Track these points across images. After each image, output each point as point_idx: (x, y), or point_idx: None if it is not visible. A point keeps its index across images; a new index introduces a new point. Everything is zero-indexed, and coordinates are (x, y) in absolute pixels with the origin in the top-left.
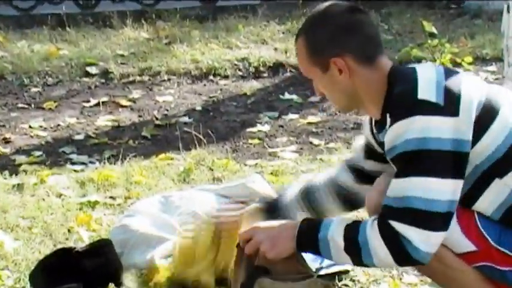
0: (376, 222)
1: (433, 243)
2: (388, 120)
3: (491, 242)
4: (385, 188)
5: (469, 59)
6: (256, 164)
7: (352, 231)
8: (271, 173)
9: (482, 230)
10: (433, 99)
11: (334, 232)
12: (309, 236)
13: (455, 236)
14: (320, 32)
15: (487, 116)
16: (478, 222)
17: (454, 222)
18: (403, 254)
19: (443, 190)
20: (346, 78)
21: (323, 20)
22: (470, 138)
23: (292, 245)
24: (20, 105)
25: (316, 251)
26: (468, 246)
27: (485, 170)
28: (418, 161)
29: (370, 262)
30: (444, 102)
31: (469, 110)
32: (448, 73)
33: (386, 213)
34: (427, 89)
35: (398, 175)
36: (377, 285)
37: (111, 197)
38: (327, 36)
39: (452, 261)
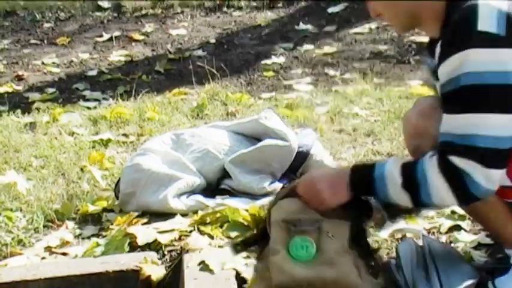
0: (435, 158)
1: (494, 180)
2: (439, 48)
3: None
4: (425, 110)
5: None
6: (271, 97)
7: (409, 168)
8: (286, 107)
9: None
10: (494, 30)
11: (391, 169)
12: (364, 176)
13: None
14: None
15: None
16: None
17: None
18: (465, 191)
19: (507, 126)
20: None
21: None
22: None
23: (345, 192)
24: (32, 41)
25: (372, 191)
26: (504, 180)
27: None
28: (479, 96)
29: (429, 200)
30: (506, 33)
31: None
32: None
33: (447, 150)
34: (488, 18)
35: (455, 110)
36: (393, 220)
37: (124, 135)
38: None
39: None
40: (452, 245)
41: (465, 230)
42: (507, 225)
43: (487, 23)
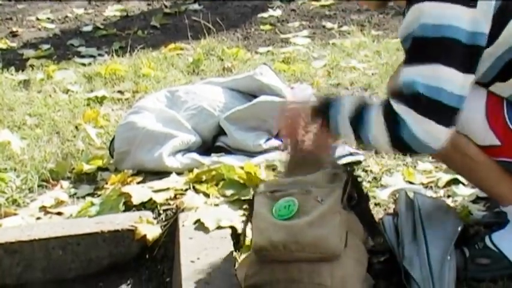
0: (382, 105)
1: (433, 136)
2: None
3: None
4: None
5: None
6: (268, 51)
7: (363, 107)
8: (283, 61)
9: (510, 124)
10: None
11: (348, 102)
12: (324, 103)
13: (481, 128)
14: None
15: (508, 9)
16: (507, 116)
17: (481, 113)
18: (398, 136)
19: (452, 81)
20: None
21: None
22: (487, 31)
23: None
24: None
25: (327, 120)
26: (493, 140)
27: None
28: (430, 47)
29: (367, 139)
30: None
31: (488, 2)
32: None
33: (393, 95)
34: None
35: (411, 60)
36: (390, 174)
37: (119, 92)
38: None
39: (474, 153)
40: (450, 199)
41: (463, 184)
42: (499, 183)
43: None
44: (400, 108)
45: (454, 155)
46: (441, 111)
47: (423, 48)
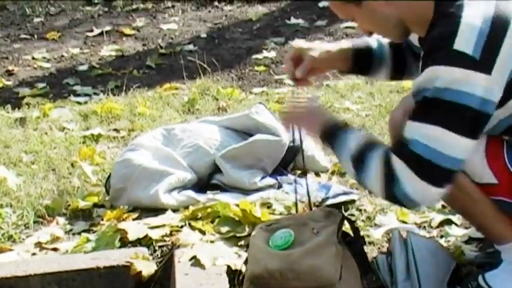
0: (386, 152)
1: (423, 195)
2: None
3: None
4: (410, 109)
5: None
6: (262, 91)
7: (368, 146)
8: (277, 101)
9: (509, 164)
10: (469, 51)
11: (355, 139)
12: (333, 129)
13: (479, 166)
14: None
15: None
16: (506, 155)
17: (481, 151)
18: (389, 189)
19: (455, 146)
20: (382, 3)
21: None
22: (497, 100)
23: (316, 129)
24: (22, 36)
25: (331, 146)
26: (490, 178)
27: None
28: (439, 109)
29: (364, 182)
30: (480, 56)
31: (504, 70)
32: (498, 15)
33: (394, 148)
34: (466, 38)
35: (417, 118)
36: (384, 213)
37: (114, 130)
38: None
39: (472, 190)
40: (443, 239)
41: (456, 224)
42: (495, 221)
43: (464, 43)
44: (397, 164)
45: (451, 191)
46: (438, 174)
47: (433, 109)
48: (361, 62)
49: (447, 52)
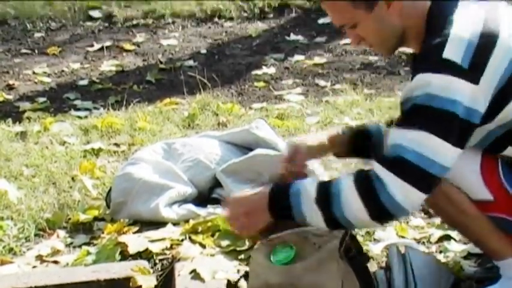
0: (353, 174)
1: (411, 200)
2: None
3: (511, 193)
4: None
5: None
6: (262, 107)
7: (325, 183)
8: (277, 117)
9: (504, 181)
10: (458, 60)
11: (308, 185)
12: (282, 193)
13: (475, 183)
14: None
15: (510, 89)
16: (501, 172)
17: (476, 168)
18: (376, 202)
19: (440, 152)
20: (395, 12)
21: None
22: (482, 111)
23: (265, 215)
24: (23, 50)
25: (289, 211)
26: (486, 195)
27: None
28: (426, 115)
29: (341, 215)
30: (469, 66)
31: (491, 81)
32: (487, 27)
33: (377, 158)
34: (456, 48)
35: (402, 124)
36: (383, 229)
37: (115, 144)
38: None
39: (468, 207)
40: (442, 254)
41: (455, 240)
42: (491, 238)
43: (453, 52)
44: (382, 172)
45: (447, 208)
46: (424, 179)
47: (421, 116)
48: (359, 144)
49: (437, 60)
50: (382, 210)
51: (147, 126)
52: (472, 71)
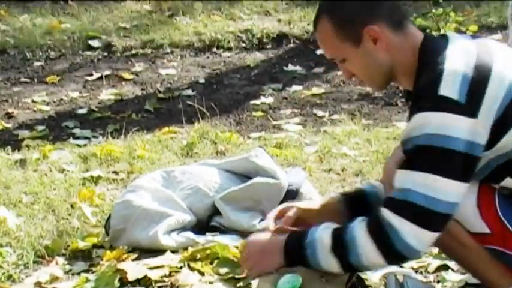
0: (365, 220)
1: (425, 242)
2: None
3: (508, 227)
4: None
5: (474, 27)
6: (260, 136)
7: (340, 230)
8: (275, 146)
9: (501, 214)
10: (454, 96)
11: (322, 234)
12: (296, 243)
13: (472, 216)
14: (346, 4)
15: (510, 116)
16: (498, 206)
17: (473, 201)
18: (391, 248)
19: (447, 191)
20: (382, 47)
21: None
22: (483, 143)
23: (278, 259)
24: (22, 79)
25: (304, 260)
26: (483, 228)
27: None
28: (429, 156)
29: (358, 262)
30: (466, 100)
31: (489, 112)
32: (480, 60)
33: (386, 204)
34: (451, 83)
35: (405, 167)
36: None
37: (114, 172)
38: (354, 6)
39: (465, 239)
40: (440, 284)
41: (453, 270)
42: (489, 269)
43: (449, 88)
44: (393, 218)
45: (445, 239)
46: (434, 219)
47: (423, 156)
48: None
49: (433, 98)
50: (398, 256)
51: (145, 154)
52: (470, 105)
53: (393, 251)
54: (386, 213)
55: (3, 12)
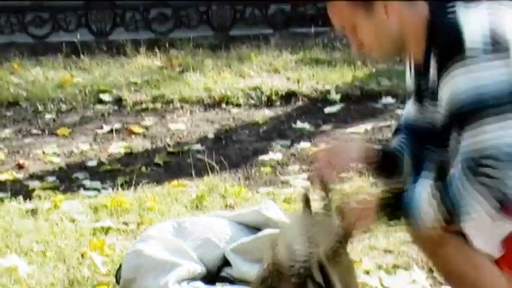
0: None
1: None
2: (433, 70)
3: None
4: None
5: None
6: (269, 191)
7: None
8: (284, 201)
9: None
10: (481, 46)
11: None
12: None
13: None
14: None
15: None
16: None
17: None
18: (500, 195)
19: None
20: (393, 16)
21: None
22: None
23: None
24: (34, 131)
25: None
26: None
27: None
28: (487, 111)
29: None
30: (492, 46)
31: None
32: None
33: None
34: (473, 36)
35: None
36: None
37: (124, 223)
38: None
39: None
40: None
41: None
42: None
43: (474, 39)
44: (495, 172)
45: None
46: None
47: (482, 113)
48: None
49: (461, 55)
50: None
51: (155, 206)
52: (498, 48)
53: (502, 197)
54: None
55: (16, 66)
